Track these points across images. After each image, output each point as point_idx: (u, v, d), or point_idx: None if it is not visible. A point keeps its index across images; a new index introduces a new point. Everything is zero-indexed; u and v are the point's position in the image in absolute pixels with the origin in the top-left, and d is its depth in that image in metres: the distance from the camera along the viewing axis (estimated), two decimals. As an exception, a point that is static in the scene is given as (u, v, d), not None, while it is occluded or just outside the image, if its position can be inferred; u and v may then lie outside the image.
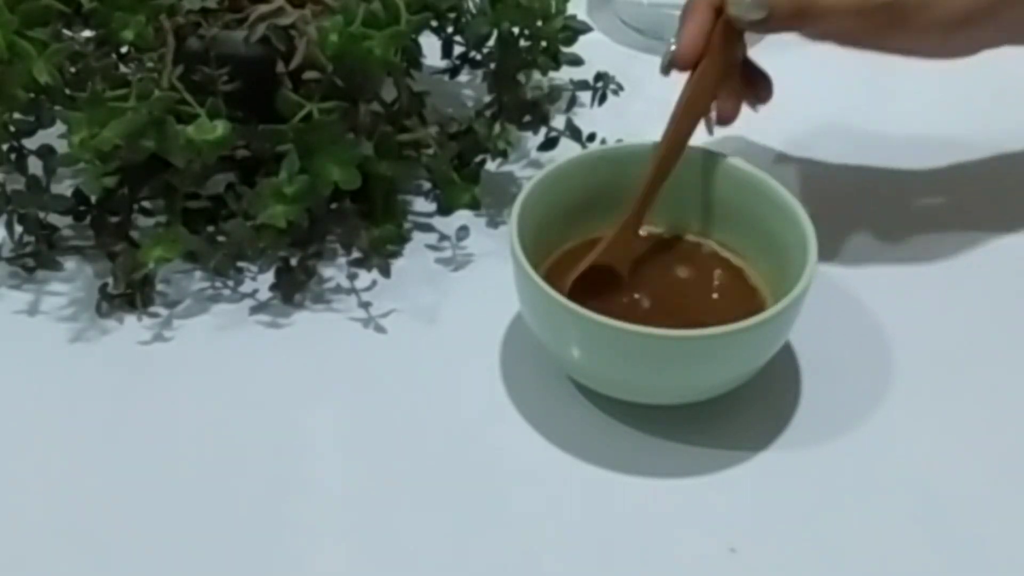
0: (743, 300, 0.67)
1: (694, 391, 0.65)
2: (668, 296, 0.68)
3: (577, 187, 0.69)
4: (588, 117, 0.80)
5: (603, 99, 0.81)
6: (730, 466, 0.64)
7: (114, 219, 0.74)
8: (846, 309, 0.72)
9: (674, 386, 0.65)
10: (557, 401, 0.67)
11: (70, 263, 0.74)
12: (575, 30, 0.78)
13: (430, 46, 0.81)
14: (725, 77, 0.68)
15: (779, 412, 0.67)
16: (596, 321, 0.60)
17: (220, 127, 0.67)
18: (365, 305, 0.72)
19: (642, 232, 0.70)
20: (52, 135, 0.71)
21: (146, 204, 0.74)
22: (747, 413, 0.67)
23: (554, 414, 0.66)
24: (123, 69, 0.71)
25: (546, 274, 0.65)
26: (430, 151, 0.74)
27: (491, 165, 0.78)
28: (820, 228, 0.64)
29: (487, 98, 0.80)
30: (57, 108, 0.68)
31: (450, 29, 0.80)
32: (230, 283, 0.73)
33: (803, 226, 0.65)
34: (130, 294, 0.71)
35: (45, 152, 0.72)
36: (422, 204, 0.78)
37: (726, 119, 0.69)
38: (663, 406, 0.66)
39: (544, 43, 0.78)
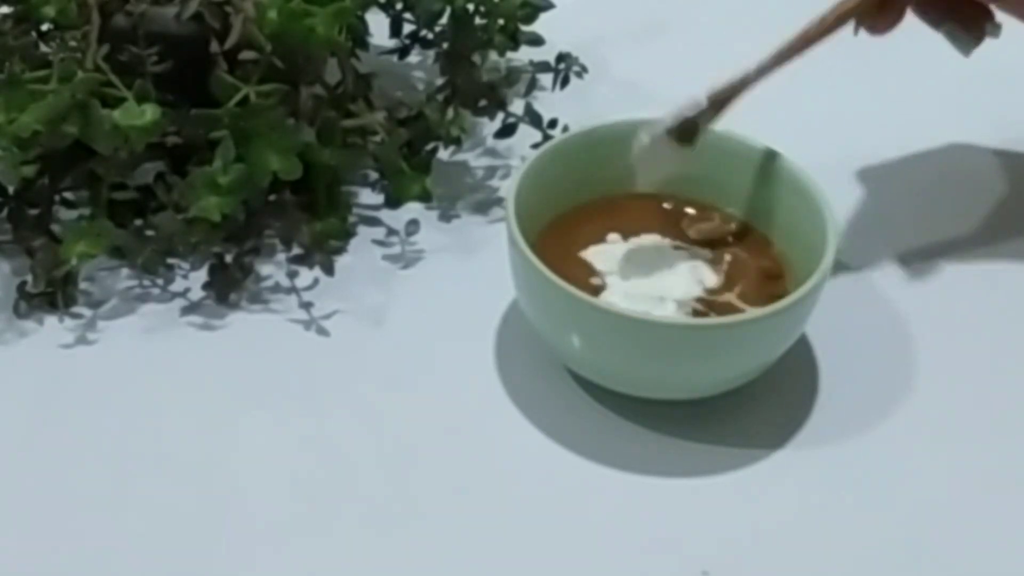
0: (765, 285, 0.67)
1: (702, 385, 0.65)
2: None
3: (572, 167, 0.68)
4: (549, 102, 0.79)
5: (565, 82, 0.80)
6: (741, 466, 0.64)
7: (33, 211, 0.72)
8: (866, 300, 0.71)
9: (681, 380, 0.64)
10: (554, 396, 0.66)
11: (-16, 260, 0.73)
12: (535, 7, 0.78)
13: (377, 24, 0.80)
14: None
15: (794, 409, 0.67)
16: (597, 307, 0.60)
17: (149, 112, 0.66)
18: (306, 305, 0.71)
19: (666, 206, 0.70)
20: (-35, 121, 0.69)
21: (68, 195, 0.73)
22: (760, 410, 0.66)
23: (551, 409, 0.66)
24: (44, 48, 0.70)
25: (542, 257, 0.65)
26: (377, 138, 0.73)
27: (443, 154, 0.77)
28: (842, 215, 0.65)
29: (439, 81, 0.78)
30: (-30, 92, 0.67)
31: (399, 6, 0.79)
32: (159, 281, 0.72)
33: (823, 212, 0.65)
34: (51, 293, 0.70)
35: (-43, 140, 0.71)
36: (368, 196, 0.77)
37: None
38: (670, 401, 0.66)
39: (502, 21, 0.77)
